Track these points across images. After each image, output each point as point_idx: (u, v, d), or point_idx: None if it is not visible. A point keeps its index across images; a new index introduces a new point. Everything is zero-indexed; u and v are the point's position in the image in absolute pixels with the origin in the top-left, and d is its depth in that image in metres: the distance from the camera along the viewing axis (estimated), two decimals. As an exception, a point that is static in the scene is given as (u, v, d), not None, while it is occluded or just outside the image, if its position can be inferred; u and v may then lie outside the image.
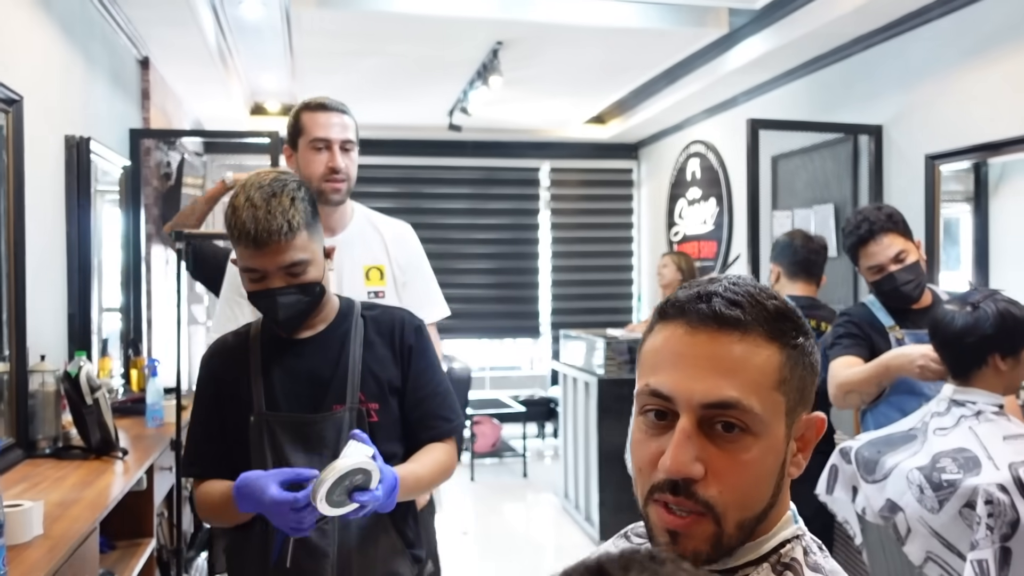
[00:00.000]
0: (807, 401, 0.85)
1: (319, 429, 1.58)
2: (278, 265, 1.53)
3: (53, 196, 3.00)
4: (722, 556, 0.82)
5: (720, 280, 0.85)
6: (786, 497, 0.88)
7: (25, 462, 2.41)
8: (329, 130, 2.09)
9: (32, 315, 2.67)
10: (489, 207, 6.80)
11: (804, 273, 2.80)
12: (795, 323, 0.84)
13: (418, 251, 2.29)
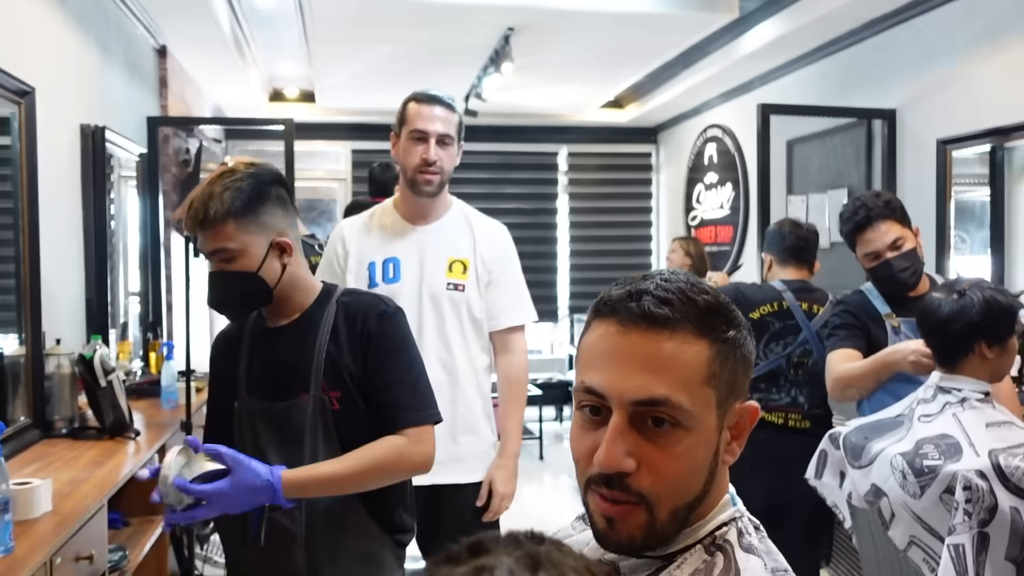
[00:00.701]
0: (739, 391, 0.88)
1: (286, 417, 1.63)
2: (208, 250, 1.60)
3: (69, 184, 3.08)
4: (657, 542, 0.85)
5: (653, 277, 0.88)
6: (722, 482, 0.91)
7: (42, 442, 2.50)
8: (428, 123, 2.15)
9: (50, 300, 2.76)
10: (507, 192, 6.83)
11: (795, 259, 2.80)
12: (726, 317, 0.87)
13: (508, 252, 2.31)
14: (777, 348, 2.69)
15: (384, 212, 2.31)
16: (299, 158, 6.75)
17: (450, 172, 2.23)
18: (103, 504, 1.95)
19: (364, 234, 2.27)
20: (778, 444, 2.59)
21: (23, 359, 2.52)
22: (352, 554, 1.63)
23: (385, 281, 2.21)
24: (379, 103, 6.22)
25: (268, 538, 1.61)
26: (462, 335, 2.21)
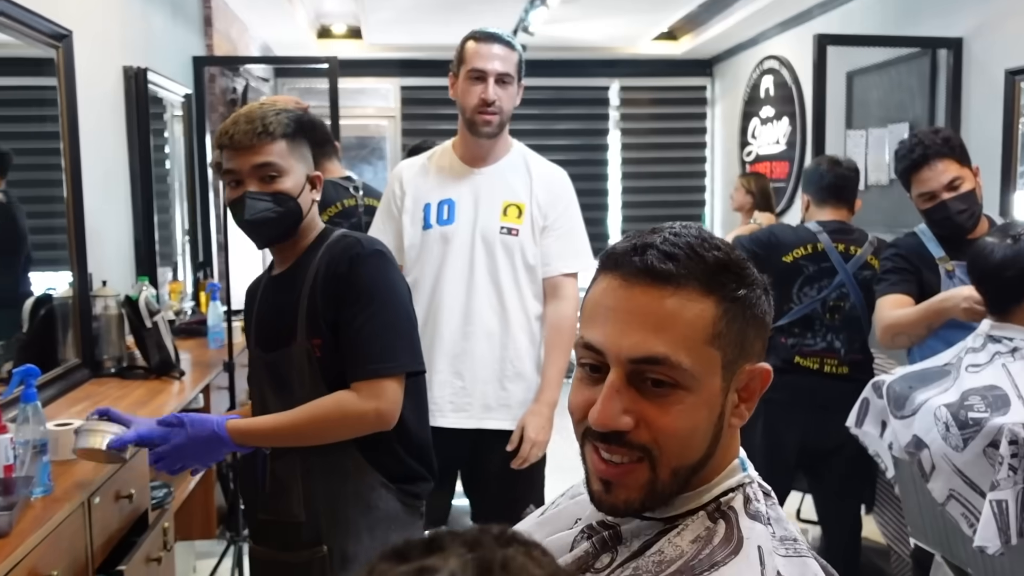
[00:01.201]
0: (750, 353, 0.84)
1: (278, 367, 1.63)
2: (251, 164, 1.56)
3: (114, 126, 3.11)
4: (656, 504, 0.83)
5: (662, 230, 0.83)
6: (730, 446, 0.87)
7: (91, 381, 2.57)
8: (487, 62, 2.11)
9: (98, 241, 2.81)
10: (557, 128, 6.71)
11: (833, 198, 2.68)
12: (737, 275, 0.82)
13: (567, 197, 2.27)
14: (811, 292, 2.60)
15: (443, 153, 2.29)
16: (348, 95, 6.73)
17: (510, 112, 2.19)
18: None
19: (421, 175, 2.26)
20: (813, 390, 2.53)
21: (71, 300, 2.58)
22: (350, 501, 1.63)
23: (439, 223, 2.20)
24: (426, 38, 6.13)
25: (271, 484, 1.64)
26: (514, 280, 2.19)
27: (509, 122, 2.26)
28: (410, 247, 2.23)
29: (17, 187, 2.55)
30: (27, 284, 2.56)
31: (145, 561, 1.83)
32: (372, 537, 1.64)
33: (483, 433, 2.18)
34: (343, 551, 1.63)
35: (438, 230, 2.20)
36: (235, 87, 4.79)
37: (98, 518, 1.68)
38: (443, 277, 2.19)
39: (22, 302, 2.51)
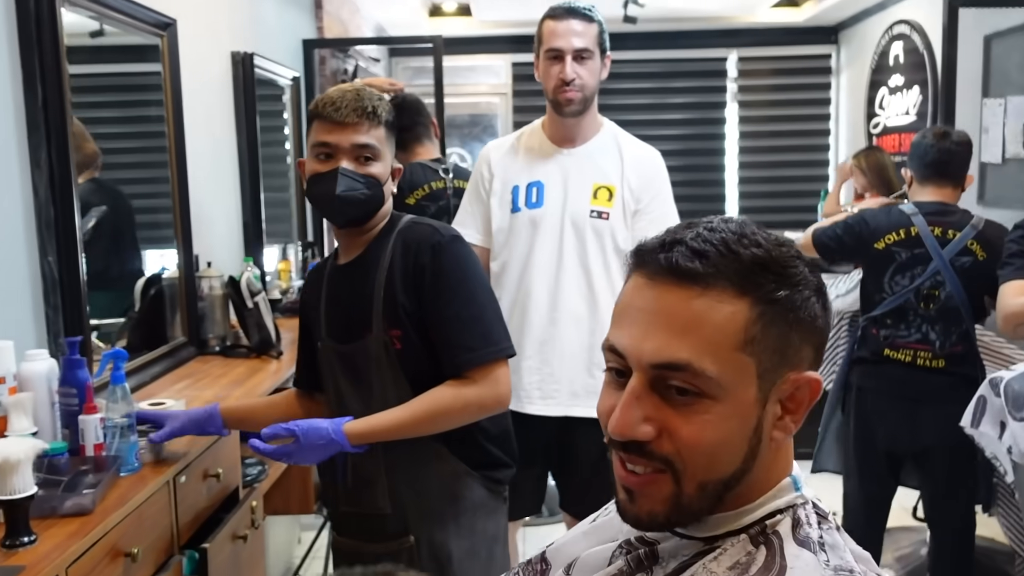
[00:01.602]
0: (795, 361, 0.75)
1: (354, 359, 1.61)
2: (352, 142, 1.55)
3: (222, 111, 3.19)
4: (685, 519, 0.77)
5: (697, 224, 0.76)
6: (778, 462, 0.79)
7: (196, 359, 2.66)
8: (563, 39, 2.07)
9: (208, 223, 2.91)
10: (671, 102, 6.51)
11: (936, 175, 2.44)
12: (779, 274, 0.74)
13: (659, 179, 2.20)
14: (904, 281, 2.41)
15: (532, 133, 2.25)
16: (459, 73, 6.75)
17: (594, 88, 2.13)
18: (235, 424, 2.04)
19: (510, 156, 2.22)
20: (904, 383, 2.36)
21: (178, 281, 2.68)
22: (436, 491, 1.62)
23: (528, 206, 2.16)
24: (537, 13, 6.04)
25: (352, 478, 1.63)
26: (604, 265, 2.13)
27: (596, 98, 2.18)
28: (498, 231, 2.19)
29: (127, 169, 2.66)
30: (140, 263, 2.68)
31: (231, 538, 1.87)
32: (459, 525, 1.64)
33: (570, 420, 2.14)
34: (431, 540, 1.63)
35: (527, 213, 2.16)
36: (346, 68, 4.86)
37: (184, 496, 1.73)
38: (531, 262, 2.14)
39: (135, 281, 2.63)
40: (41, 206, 1.96)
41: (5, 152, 1.87)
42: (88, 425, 1.62)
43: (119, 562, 1.46)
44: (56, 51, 1.94)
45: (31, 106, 1.93)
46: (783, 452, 0.80)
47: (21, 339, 1.89)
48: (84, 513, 1.43)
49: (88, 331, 2.05)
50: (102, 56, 2.54)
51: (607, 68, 2.17)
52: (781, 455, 0.80)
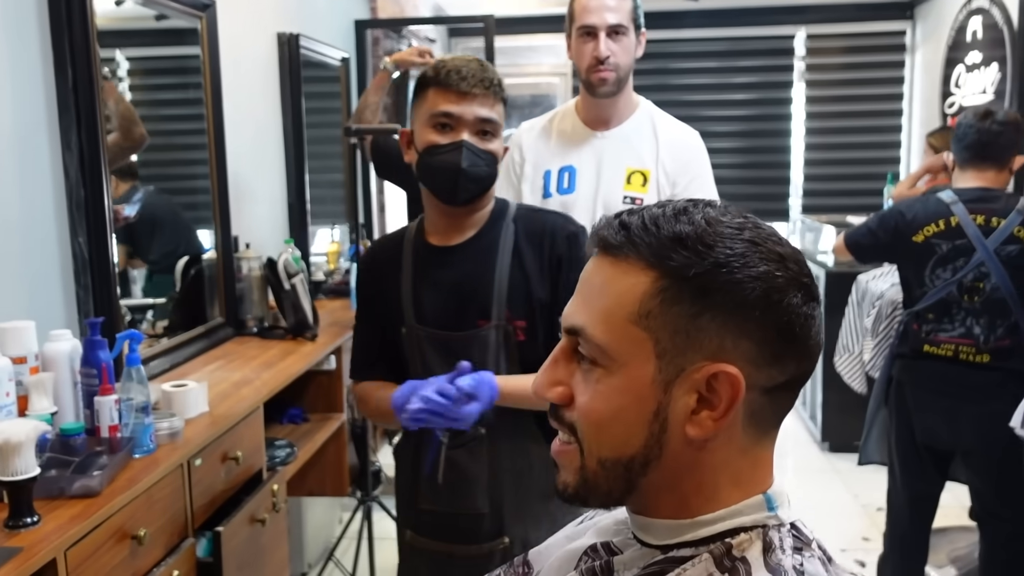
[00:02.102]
0: (708, 348, 0.68)
1: (464, 346, 1.53)
2: (476, 115, 1.49)
3: (266, 92, 3.20)
4: (593, 496, 0.75)
5: (665, 205, 0.73)
6: (751, 476, 0.73)
7: (233, 339, 2.68)
8: (595, 15, 2.00)
9: (250, 206, 2.92)
10: (735, 81, 6.31)
11: (976, 159, 2.27)
12: (697, 251, 0.68)
13: (696, 162, 2.10)
14: (945, 274, 2.26)
15: (565, 116, 2.17)
16: (519, 53, 6.68)
17: (628, 67, 2.05)
18: (258, 407, 2.04)
19: (542, 140, 2.15)
20: (945, 379, 2.24)
21: (215, 262, 2.70)
22: (535, 489, 1.56)
23: (559, 192, 2.10)
24: (597, -9, 5.93)
25: (447, 474, 1.56)
26: None
27: (632, 78, 2.10)
28: None
29: (171, 151, 2.69)
30: (191, 244, 2.71)
31: (249, 522, 1.87)
32: (552, 522, 1.56)
33: None
34: (524, 540, 1.56)
35: (558, 199, 2.09)
36: (400, 48, 4.84)
37: (200, 479, 1.73)
38: None
39: (176, 262, 2.66)
40: (72, 187, 1.98)
41: (36, 134, 1.90)
42: (103, 406, 1.63)
43: (125, 544, 1.47)
44: (86, 33, 1.95)
45: (62, 88, 1.94)
46: (758, 466, 0.73)
47: (52, 319, 1.92)
48: (91, 495, 1.44)
49: (117, 311, 2.07)
50: (143, 39, 2.56)
51: (642, 46, 2.08)
52: (757, 469, 0.73)
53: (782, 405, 0.73)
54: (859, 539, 3.41)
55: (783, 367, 0.70)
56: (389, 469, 3.67)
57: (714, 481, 0.72)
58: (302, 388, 2.69)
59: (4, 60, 1.80)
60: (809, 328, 0.71)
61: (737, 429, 0.71)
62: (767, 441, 0.74)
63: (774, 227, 0.73)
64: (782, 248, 0.71)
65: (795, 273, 0.70)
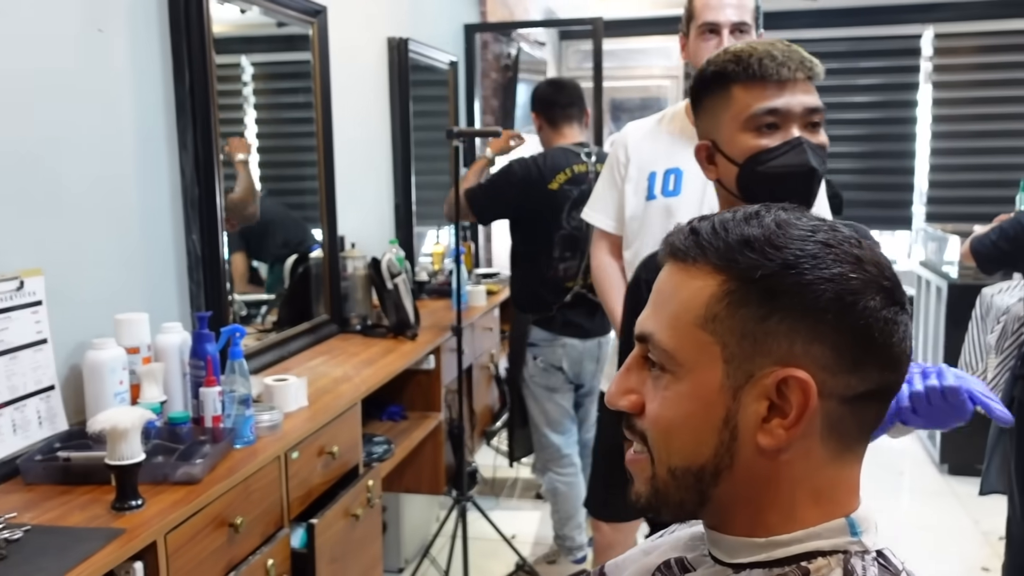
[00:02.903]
0: (777, 353, 0.65)
1: None
2: (804, 106, 1.25)
3: (375, 96, 3.27)
4: (665, 507, 0.72)
5: (737, 210, 0.70)
6: (832, 496, 0.69)
7: (337, 336, 2.75)
8: (719, 12, 1.93)
9: (353, 207, 2.99)
10: (856, 83, 6.07)
11: None
12: (765, 253, 0.65)
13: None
14: None
15: (674, 117, 2.12)
16: (630, 56, 6.62)
17: None
18: (356, 404, 2.09)
19: (650, 140, 2.10)
20: None
21: (322, 261, 2.77)
22: None
23: (664, 194, 2.05)
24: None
25: None
26: None
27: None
28: (631, 219, 2.10)
29: (283, 153, 2.79)
30: (293, 246, 2.80)
31: (343, 515, 1.91)
32: None
33: None
34: None
35: (662, 201, 2.04)
36: (509, 52, 4.87)
37: (296, 471, 1.78)
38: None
39: (285, 261, 2.75)
40: (187, 186, 2.07)
41: (155, 135, 1.99)
42: (207, 397, 1.70)
43: (222, 532, 1.52)
44: (203, 39, 2.04)
45: (179, 92, 2.04)
46: (841, 485, 0.69)
47: (166, 312, 2.01)
48: (193, 482, 1.49)
49: (226, 306, 2.15)
50: (262, 45, 2.66)
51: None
52: (839, 488, 0.69)
53: (867, 418, 0.69)
54: (978, 569, 3.21)
55: (863, 375, 0.66)
56: (485, 470, 3.71)
57: (791, 497, 0.68)
58: (401, 386, 2.73)
59: (127, 65, 1.90)
60: (891, 334, 0.66)
61: (815, 441, 0.67)
62: (851, 458, 0.70)
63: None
64: (860, 250, 0.67)
65: (873, 275, 0.66)
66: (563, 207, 2.93)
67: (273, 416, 1.80)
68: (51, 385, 1.63)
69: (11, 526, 1.30)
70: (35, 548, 1.24)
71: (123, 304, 1.86)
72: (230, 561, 1.55)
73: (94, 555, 1.22)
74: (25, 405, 1.57)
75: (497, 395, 3.59)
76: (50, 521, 1.34)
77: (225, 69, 2.31)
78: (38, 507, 1.39)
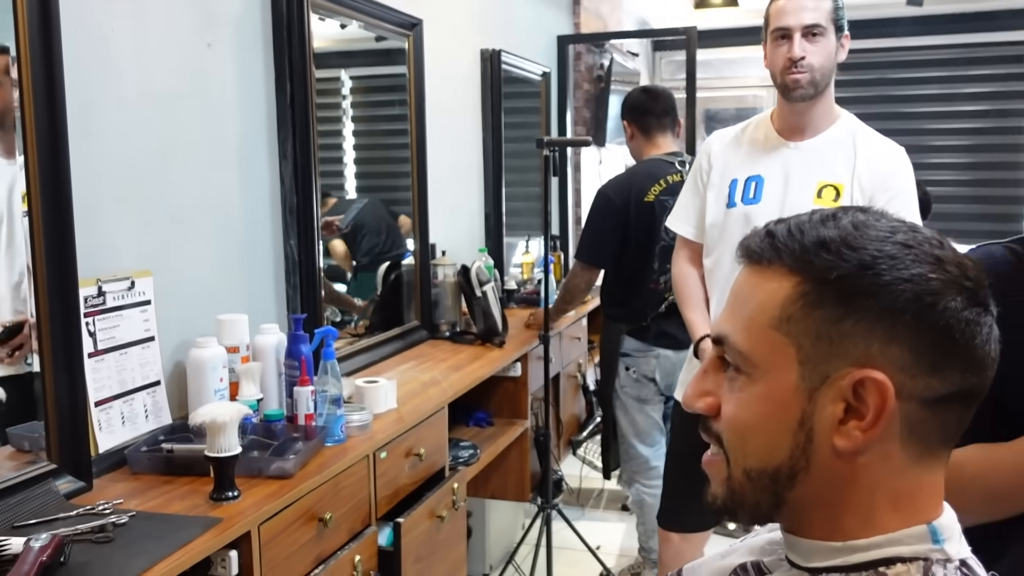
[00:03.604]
0: (853, 354, 0.64)
1: None
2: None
3: (468, 106, 3.33)
4: (742, 509, 0.72)
5: (812, 214, 0.70)
6: (912, 501, 0.67)
7: (428, 342, 2.80)
8: (791, 16, 1.92)
9: (450, 215, 3.06)
10: (964, 91, 5.83)
11: None
12: (840, 254, 0.65)
13: (898, 177, 1.97)
14: None
15: (759, 124, 2.11)
16: (725, 66, 6.54)
17: (827, 70, 1.94)
18: (443, 408, 2.12)
19: (733, 147, 2.11)
20: None
21: (413, 267, 2.84)
22: None
23: (744, 201, 2.03)
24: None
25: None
26: None
27: (832, 86, 2.00)
28: (712, 226, 2.09)
29: (380, 164, 2.87)
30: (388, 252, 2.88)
31: (429, 516, 1.95)
32: None
33: None
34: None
35: (742, 209, 2.02)
36: (602, 63, 4.88)
37: (384, 471, 1.82)
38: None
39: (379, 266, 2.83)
40: (286, 193, 2.15)
41: (257, 144, 2.08)
42: (300, 396, 1.76)
43: (312, 526, 1.57)
44: (304, 54, 2.12)
45: (281, 103, 2.13)
46: (923, 491, 0.68)
47: (264, 313, 2.10)
48: (286, 476, 1.55)
49: (320, 309, 2.23)
50: (361, 59, 2.76)
51: (845, 50, 1.97)
52: (921, 493, 0.67)
53: (950, 421, 0.67)
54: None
55: (944, 377, 0.65)
56: (572, 479, 3.71)
57: (869, 501, 0.67)
58: (489, 392, 2.76)
59: (233, 77, 1.99)
60: (973, 336, 0.65)
61: (894, 444, 0.66)
62: (934, 463, 0.68)
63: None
64: (941, 251, 0.66)
65: (955, 276, 0.65)
66: (660, 218, 2.91)
67: (363, 416, 1.85)
68: (157, 380, 1.72)
69: (118, 511, 1.38)
70: (139, 532, 1.32)
71: (225, 305, 1.94)
72: (319, 555, 1.60)
73: (192, 542, 1.29)
74: (133, 399, 1.66)
75: (584, 405, 3.59)
76: (153, 508, 1.42)
77: (325, 83, 2.40)
78: (143, 495, 1.47)
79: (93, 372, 1.57)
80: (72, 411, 1.48)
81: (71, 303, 1.49)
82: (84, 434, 1.51)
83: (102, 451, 1.58)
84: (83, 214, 1.52)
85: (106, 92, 1.64)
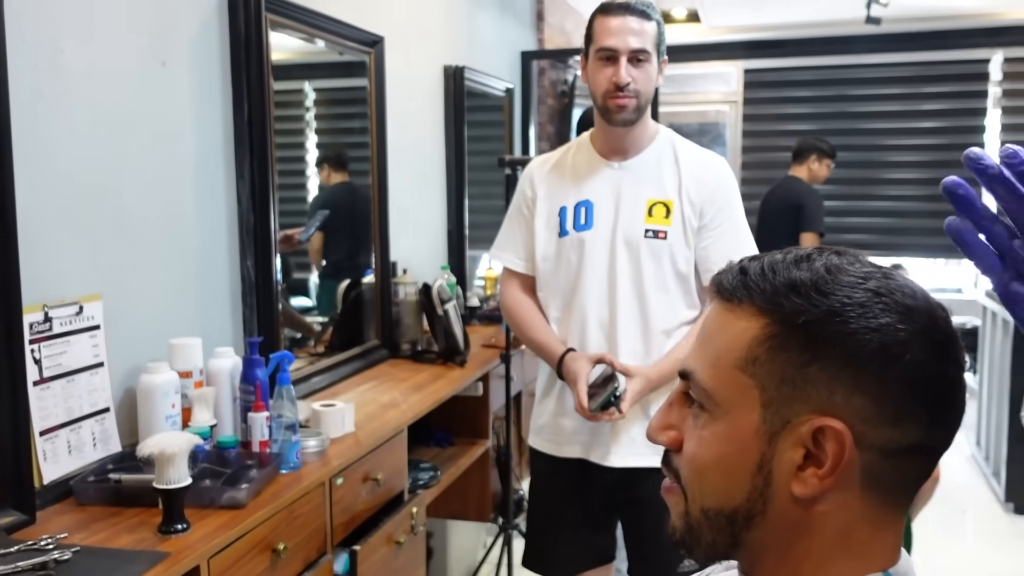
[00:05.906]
0: (816, 401, 0.64)
1: None
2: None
3: (430, 122, 3.32)
4: (698, 546, 0.72)
5: (789, 251, 0.70)
6: (867, 548, 0.67)
7: (388, 361, 2.77)
8: (617, 38, 1.86)
9: (406, 232, 3.03)
10: (921, 108, 5.95)
11: None
12: (810, 299, 0.64)
13: (725, 189, 1.96)
14: None
15: (579, 148, 2.03)
16: (689, 81, 6.60)
17: (650, 94, 1.91)
18: (402, 431, 2.10)
19: (556, 174, 2.02)
20: None
21: (373, 286, 2.81)
22: None
23: (576, 228, 1.96)
24: (770, 18, 5.78)
25: None
26: (663, 291, 1.92)
27: (650, 107, 1.95)
28: (543, 259, 2.00)
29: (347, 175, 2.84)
30: (346, 269, 2.85)
31: (386, 542, 1.92)
32: None
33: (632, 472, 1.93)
34: None
35: (575, 236, 1.95)
36: (566, 78, 4.90)
37: (340, 497, 1.79)
38: (580, 288, 1.95)
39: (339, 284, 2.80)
40: (243, 214, 2.12)
41: (214, 164, 2.05)
42: (255, 422, 1.73)
43: (265, 557, 1.54)
44: (261, 71, 2.09)
45: (238, 122, 2.09)
46: (879, 539, 0.67)
47: (220, 337, 2.06)
48: (238, 506, 1.52)
49: (279, 331, 2.19)
50: (324, 71, 2.73)
51: (663, 74, 1.95)
52: (876, 542, 0.67)
53: (911, 473, 0.67)
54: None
55: (905, 429, 0.64)
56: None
57: (825, 549, 0.67)
58: (450, 412, 2.73)
59: (188, 96, 1.96)
60: (939, 390, 0.65)
61: (853, 493, 0.66)
62: (892, 512, 0.68)
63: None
64: (913, 301, 0.65)
65: (924, 327, 0.64)
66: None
67: (319, 442, 1.82)
68: (107, 407, 1.68)
69: (61, 547, 1.34)
70: (82, 569, 1.28)
71: (178, 328, 1.91)
72: (273, 586, 1.57)
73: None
74: (81, 427, 1.62)
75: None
76: (99, 542, 1.37)
77: (288, 95, 2.37)
78: (88, 528, 1.43)
79: (38, 400, 1.53)
80: (15, 442, 1.44)
81: (15, 330, 1.44)
82: (27, 465, 1.46)
83: (47, 482, 1.53)
84: (29, 238, 1.48)
85: (55, 113, 1.60)
